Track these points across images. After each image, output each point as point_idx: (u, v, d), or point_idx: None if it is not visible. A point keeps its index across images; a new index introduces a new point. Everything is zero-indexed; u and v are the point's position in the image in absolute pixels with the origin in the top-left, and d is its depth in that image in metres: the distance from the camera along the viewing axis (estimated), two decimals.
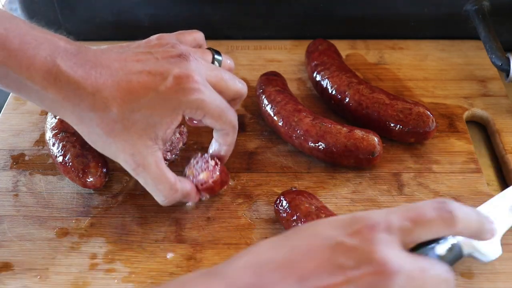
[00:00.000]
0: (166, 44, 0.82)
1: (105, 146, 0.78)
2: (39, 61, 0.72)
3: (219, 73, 0.84)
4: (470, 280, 0.78)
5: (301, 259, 0.55)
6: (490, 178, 0.96)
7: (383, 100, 0.97)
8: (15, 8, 1.35)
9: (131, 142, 0.76)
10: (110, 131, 0.76)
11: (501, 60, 1.02)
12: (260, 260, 0.57)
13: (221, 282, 0.55)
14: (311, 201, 0.82)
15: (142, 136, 0.76)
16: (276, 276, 0.54)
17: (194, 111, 0.78)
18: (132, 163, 0.78)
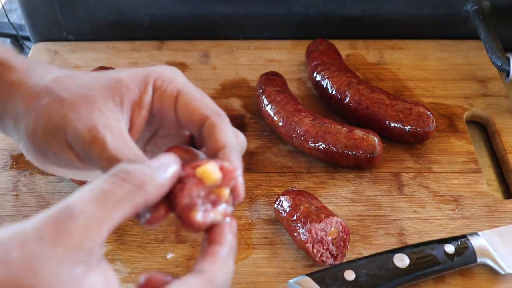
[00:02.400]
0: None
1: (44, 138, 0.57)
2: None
3: None
4: (470, 280, 0.78)
5: None
6: (490, 178, 0.96)
7: (383, 100, 0.97)
8: (15, 8, 1.35)
9: (91, 99, 0.57)
10: (65, 87, 0.58)
11: (501, 60, 1.02)
12: None
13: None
14: (311, 201, 0.82)
15: (104, 94, 0.58)
16: None
17: (166, 85, 0.58)
18: (82, 129, 0.55)
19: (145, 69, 0.59)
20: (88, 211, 0.42)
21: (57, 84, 0.57)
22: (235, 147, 0.57)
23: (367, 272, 0.73)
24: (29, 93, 0.57)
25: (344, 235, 0.79)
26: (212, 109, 0.57)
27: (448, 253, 0.76)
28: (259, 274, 0.80)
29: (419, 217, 0.86)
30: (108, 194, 0.44)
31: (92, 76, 0.58)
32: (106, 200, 0.44)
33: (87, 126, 0.53)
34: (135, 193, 0.45)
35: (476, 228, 0.83)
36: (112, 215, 0.44)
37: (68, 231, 0.41)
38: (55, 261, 0.40)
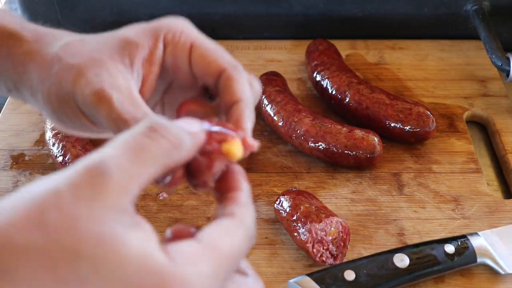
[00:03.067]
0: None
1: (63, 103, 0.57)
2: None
3: None
4: (470, 280, 0.78)
5: None
6: (490, 178, 0.96)
7: (383, 100, 0.97)
8: (15, 8, 1.35)
9: (99, 60, 0.56)
10: (75, 55, 0.57)
11: (501, 60, 1.02)
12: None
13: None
14: (311, 201, 0.82)
15: (113, 55, 0.57)
16: None
17: (178, 37, 0.58)
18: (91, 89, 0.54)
19: (154, 23, 0.57)
20: (123, 167, 0.40)
21: (66, 51, 0.57)
22: (250, 102, 0.57)
23: (367, 272, 0.73)
24: (41, 62, 0.57)
25: (344, 235, 0.79)
26: (229, 61, 0.56)
27: (448, 253, 0.76)
28: (259, 274, 0.79)
29: (419, 217, 0.86)
30: (144, 149, 0.41)
31: (100, 39, 0.57)
32: (142, 155, 0.41)
33: (94, 89, 0.52)
34: (170, 152, 0.42)
35: (476, 228, 0.83)
36: (146, 172, 0.41)
37: (104, 189, 0.39)
38: (95, 221, 0.38)
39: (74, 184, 0.39)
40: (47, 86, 0.56)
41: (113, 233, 0.38)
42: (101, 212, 0.38)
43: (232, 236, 0.45)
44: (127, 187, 0.40)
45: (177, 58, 0.57)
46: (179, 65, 0.57)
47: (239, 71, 0.56)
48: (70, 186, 0.38)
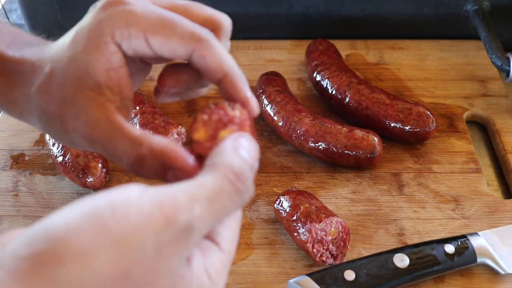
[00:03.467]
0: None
1: (54, 124, 0.59)
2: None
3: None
4: (470, 280, 0.78)
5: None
6: (490, 178, 0.96)
7: (383, 100, 0.97)
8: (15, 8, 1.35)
9: (71, 102, 0.56)
10: (49, 99, 0.57)
11: (501, 60, 1.02)
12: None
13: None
14: (311, 201, 0.82)
15: (79, 88, 0.55)
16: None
17: (127, 32, 0.54)
18: (80, 127, 0.56)
19: (94, 25, 0.55)
20: (205, 227, 0.44)
21: (40, 98, 0.58)
22: (235, 73, 0.56)
23: (367, 272, 0.73)
24: (22, 104, 0.61)
25: (344, 235, 0.79)
26: (192, 37, 0.54)
27: (448, 253, 0.76)
28: (259, 274, 0.80)
29: (419, 217, 0.86)
30: (225, 210, 0.46)
31: (61, 73, 0.57)
32: (220, 213, 0.45)
33: (83, 135, 0.55)
34: (241, 204, 0.47)
35: (476, 228, 0.83)
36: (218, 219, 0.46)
37: (186, 248, 0.43)
38: (170, 274, 0.42)
39: (160, 241, 0.41)
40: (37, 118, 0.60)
41: (183, 278, 0.44)
42: (176, 266, 0.43)
43: (235, 233, 0.50)
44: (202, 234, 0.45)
45: (137, 50, 0.55)
46: (144, 53, 0.55)
47: (208, 42, 0.55)
48: (155, 243, 0.41)
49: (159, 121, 0.95)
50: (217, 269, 0.46)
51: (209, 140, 0.50)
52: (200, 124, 0.50)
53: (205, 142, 0.50)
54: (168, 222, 0.42)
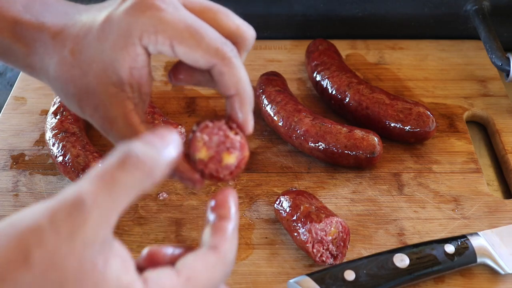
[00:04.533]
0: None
1: (70, 102, 0.62)
2: (10, 13, 0.63)
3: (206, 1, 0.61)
4: (470, 280, 0.78)
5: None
6: (490, 178, 0.96)
7: (383, 100, 0.97)
8: None
9: (92, 90, 0.59)
10: (70, 80, 0.60)
11: (501, 60, 1.02)
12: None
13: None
14: (311, 201, 0.82)
15: (102, 81, 0.58)
16: None
17: (154, 37, 0.56)
18: (97, 118, 0.60)
19: (124, 28, 0.57)
20: (100, 202, 0.42)
21: (60, 76, 0.60)
22: (245, 93, 0.58)
23: (367, 272, 0.73)
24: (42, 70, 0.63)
25: (344, 235, 0.79)
26: (216, 53, 0.56)
27: (448, 253, 0.76)
28: (259, 274, 0.80)
29: (419, 217, 0.86)
30: (119, 182, 0.43)
31: (90, 64, 0.59)
32: (117, 188, 0.43)
33: (98, 124, 0.60)
34: (144, 180, 0.44)
35: (476, 228, 0.83)
36: (122, 202, 0.43)
37: (83, 224, 0.41)
38: (75, 256, 0.41)
39: (55, 220, 0.41)
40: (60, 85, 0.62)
41: (94, 266, 0.41)
42: (81, 247, 0.41)
43: (211, 271, 0.47)
44: (104, 220, 0.42)
45: (163, 52, 0.57)
46: (168, 55, 0.58)
47: (230, 60, 0.56)
48: (51, 223, 0.40)
49: (159, 121, 0.95)
50: (160, 285, 0.44)
51: (213, 161, 0.54)
52: (200, 143, 0.53)
53: (209, 162, 0.54)
54: (58, 200, 0.42)
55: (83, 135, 0.94)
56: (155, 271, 0.45)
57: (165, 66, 1.18)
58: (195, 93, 1.11)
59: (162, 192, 0.91)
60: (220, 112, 1.06)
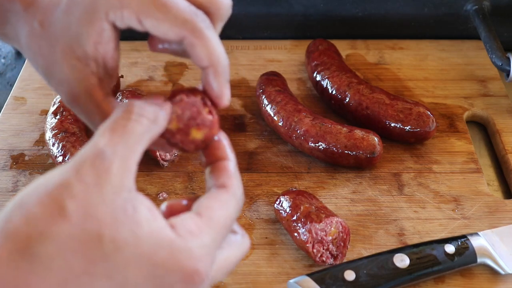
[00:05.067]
0: None
1: (40, 72, 0.63)
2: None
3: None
4: (470, 281, 0.78)
5: None
6: (490, 178, 0.96)
7: (383, 100, 0.97)
8: None
9: (58, 64, 0.59)
10: (38, 52, 0.61)
11: (501, 60, 1.02)
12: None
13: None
14: (311, 201, 0.82)
15: (68, 55, 0.58)
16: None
17: (120, 12, 0.55)
18: (62, 92, 0.60)
19: (90, 5, 0.57)
20: (118, 150, 0.45)
21: (29, 47, 0.61)
22: (220, 66, 0.57)
23: (367, 272, 0.73)
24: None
25: (344, 235, 0.79)
26: (185, 25, 0.54)
27: (448, 253, 0.76)
28: (259, 274, 0.80)
29: (419, 217, 0.86)
30: (130, 131, 0.47)
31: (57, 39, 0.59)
32: (130, 136, 0.46)
33: (64, 99, 0.60)
34: (152, 127, 0.49)
35: (476, 228, 0.83)
36: (137, 150, 0.47)
37: (108, 173, 0.44)
38: (108, 204, 0.43)
39: (81, 173, 0.44)
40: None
41: (125, 212, 0.44)
42: (111, 195, 0.43)
43: (226, 208, 0.50)
44: (126, 167, 0.45)
45: (132, 27, 0.57)
46: (139, 30, 0.57)
47: (201, 32, 0.55)
48: (78, 176, 0.43)
49: None
50: (188, 228, 0.47)
51: (181, 133, 0.54)
52: (173, 116, 0.54)
53: (176, 133, 0.54)
54: (79, 156, 0.45)
55: (83, 135, 0.94)
56: (179, 217, 0.48)
57: (165, 66, 1.18)
58: None
59: (162, 192, 0.91)
60: (219, 112, 1.06)
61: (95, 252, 0.42)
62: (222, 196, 0.51)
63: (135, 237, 0.44)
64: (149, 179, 0.93)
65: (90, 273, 0.42)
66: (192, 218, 0.48)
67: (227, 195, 0.51)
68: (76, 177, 0.43)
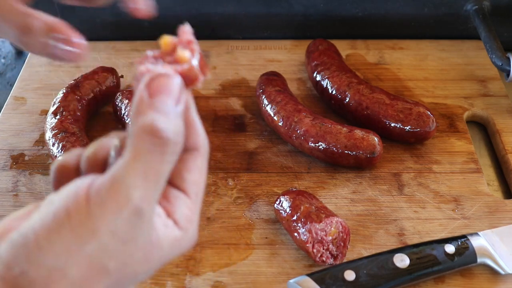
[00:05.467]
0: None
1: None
2: None
3: None
4: (470, 281, 0.78)
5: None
6: (490, 178, 0.96)
7: (383, 100, 0.97)
8: None
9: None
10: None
11: (501, 60, 1.02)
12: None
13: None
14: (311, 201, 0.82)
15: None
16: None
17: None
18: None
19: None
20: (151, 199, 0.44)
21: None
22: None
23: (367, 272, 0.73)
24: None
25: (344, 235, 0.79)
26: None
27: (448, 253, 0.76)
28: (259, 274, 0.80)
29: (419, 217, 0.86)
30: (162, 173, 0.45)
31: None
32: (161, 179, 0.45)
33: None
34: (174, 160, 0.46)
35: (476, 228, 0.83)
36: (161, 186, 0.46)
37: (144, 225, 0.44)
38: (139, 250, 0.44)
39: (117, 228, 0.43)
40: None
41: (153, 242, 0.45)
42: (140, 239, 0.44)
43: (203, 173, 0.50)
44: (153, 208, 0.45)
45: None
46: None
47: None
48: (115, 237, 0.43)
49: None
50: (186, 217, 0.48)
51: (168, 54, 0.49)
52: (143, 59, 0.49)
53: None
54: (119, 209, 0.43)
55: (83, 135, 0.94)
56: (175, 207, 0.47)
57: None
58: (195, 93, 1.10)
59: None
60: (219, 112, 1.06)
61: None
62: (197, 161, 0.49)
63: (160, 253, 0.46)
64: None
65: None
66: (185, 203, 0.48)
67: (201, 158, 0.50)
68: (114, 238, 0.43)
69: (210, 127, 1.02)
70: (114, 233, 0.43)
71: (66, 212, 0.42)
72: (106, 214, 0.42)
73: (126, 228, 0.43)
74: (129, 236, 0.43)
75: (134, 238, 0.44)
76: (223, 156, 0.97)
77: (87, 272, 0.42)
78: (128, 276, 0.45)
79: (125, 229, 0.43)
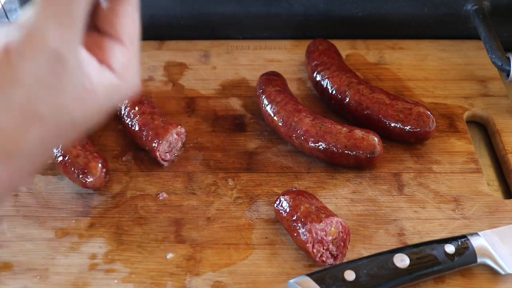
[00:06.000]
0: None
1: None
2: None
3: None
4: (470, 281, 0.78)
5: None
6: (490, 178, 0.96)
7: (383, 100, 0.97)
8: (15, 8, 1.35)
9: None
10: None
11: (501, 60, 1.02)
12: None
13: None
14: (311, 201, 0.82)
15: None
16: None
17: None
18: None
19: None
20: (73, 50, 0.47)
21: None
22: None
23: (367, 272, 0.73)
24: None
25: (344, 235, 0.79)
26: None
27: (448, 253, 0.76)
28: (259, 274, 0.80)
29: (419, 217, 0.86)
30: (72, 16, 0.47)
31: None
32: (74, 24, 0.47)
33: None
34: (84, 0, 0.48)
35: (476, 228, 0.83)
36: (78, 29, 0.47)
37: (66, 74, 0.47)
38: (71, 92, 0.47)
39: (42, 79, 0.46)
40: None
41: (85, 87, 0.48)
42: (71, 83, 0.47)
43: (135, 20, 0.53)
44: (78, 55, 0.47)
45: None
46: None
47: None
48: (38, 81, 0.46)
49: (158, 121, 0.95)
50: (123, 64, 0.50)
51: None
52: None
53: None
54: (36, 54, 0.45)
55: None
56: (111, 55, 0.50)
57: (164, 66, 1.18)
58: (195, 93, 1.11)
59: (162, 192, 0.91)
60: (219, 112, 1.06)
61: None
62: (127, 8, 0.52)
63: (94, 93, 0.48)
64: (149, 179, 0.93)
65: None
66: (121, 51, 0.51)
67: (130, 6, 0.52)
68: (36, 83, 0.45)
69: (210, 127, 1.02)
70: (38, 78, 0.45)
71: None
72: (25, 61, 0.45)
73: (49, 72, 0.45)
74: (54, 81, 0.45)
75: (61, 82, 0.45)
76: (223, 156, 0.97)
77: (17, 120, 0.45)
78: (64, 121, 0.46)
79: (47, 74, 0.45)
